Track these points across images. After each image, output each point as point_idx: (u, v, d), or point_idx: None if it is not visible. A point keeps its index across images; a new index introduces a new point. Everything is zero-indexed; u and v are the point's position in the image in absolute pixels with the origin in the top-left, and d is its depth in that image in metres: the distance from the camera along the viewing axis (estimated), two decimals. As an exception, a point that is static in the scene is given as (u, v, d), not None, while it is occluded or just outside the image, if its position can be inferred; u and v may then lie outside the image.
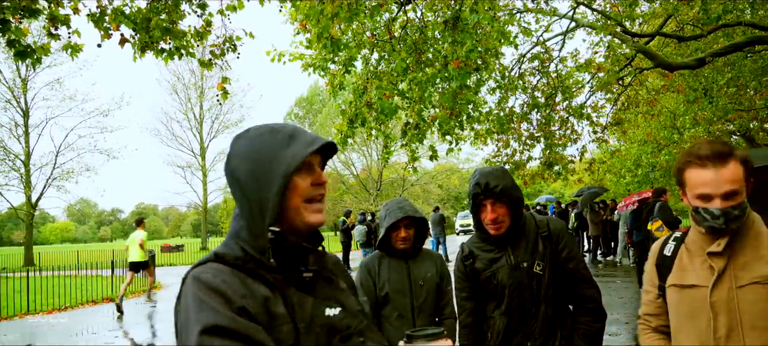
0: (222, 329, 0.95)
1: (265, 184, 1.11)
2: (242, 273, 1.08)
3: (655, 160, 16.89)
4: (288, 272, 1.13)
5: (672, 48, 11.38)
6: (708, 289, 1.63)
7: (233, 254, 1.12)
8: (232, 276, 1.05)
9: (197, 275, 1.04)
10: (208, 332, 0.94)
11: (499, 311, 2.26)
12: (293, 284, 1.12)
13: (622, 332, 6.86)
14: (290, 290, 1.11)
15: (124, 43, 4.93)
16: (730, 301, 1.60)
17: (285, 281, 1.11)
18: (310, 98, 48.37)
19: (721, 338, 1.60)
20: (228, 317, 0.97)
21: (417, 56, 7.07)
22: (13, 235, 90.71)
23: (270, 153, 1.12)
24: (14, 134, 29.07)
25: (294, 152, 1.11)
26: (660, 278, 1.81)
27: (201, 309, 0.98)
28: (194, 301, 1.00)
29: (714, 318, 1.61)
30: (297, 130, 1.17)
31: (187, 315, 0.99)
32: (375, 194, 36.18)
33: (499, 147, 10.91)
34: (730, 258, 1.64)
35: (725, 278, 1.63)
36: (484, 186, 2.18)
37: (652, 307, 1.86)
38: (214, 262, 1.09)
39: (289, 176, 1.10)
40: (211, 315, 0.96)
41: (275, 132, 1.16)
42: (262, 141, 1.15)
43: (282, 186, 1.10)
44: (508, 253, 2.26)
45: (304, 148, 1.12)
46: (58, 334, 8.82)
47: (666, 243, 1.85)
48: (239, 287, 1.04)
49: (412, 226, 2.80)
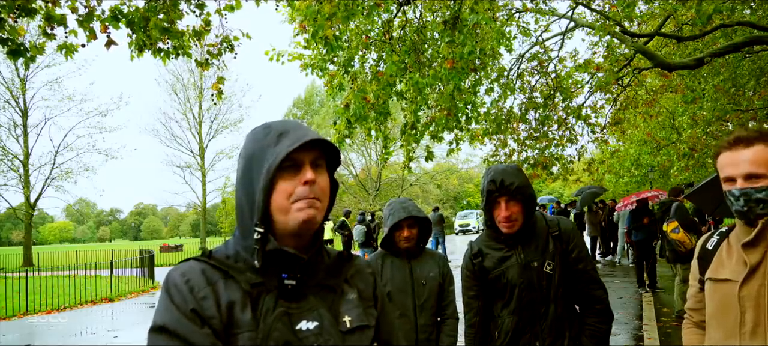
0: (167, 329, 1.00)
1: (253, 182, 1.09)
2: (219, 273, 1.07)
3: (653, 161, 16.89)
4: (269, 277, 1.09)
5: (671, 48, 11.39)
6: (738, 283, 1.61)
7: (224, 253, 1.12)
8: (201, 276, 1.06)
9: (169, 274, 1.08)
10: (156, 331, 1.01)
11: (507, 311, 2.24)
12: (272, 291, 1.08)
13: (621, 332, 6.86)
14: (267, 296, 1.07)
15: (110, 45, 4.87)
16: (759, 297, 1.57)
17: (263, 286, 1.08)
18: (307, 99, 48.36)
19: (746, 333, 1.58)
20: (175, 319, 1.01)
21: (415, 56, 7.07)
22: (12, 235, 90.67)
23: (259, 151, 1.10)
24: (13, 134, 29.07)
25: (278, 150, 1.07)
26: (700, 271, 1.80)
27: (158, 308, 1.04)
28: (159, 299, 1.06)
29: (741, 313, 1.59)
30: (291, 128, 1.12)
31: (156, 307, 1.06)
32: (374, 194, 36.18)
33: (497, 147, 10.92)
34: (766, 254, 1.60)
35: (758, 273, 1.59)
36: (499, 183, 2.16)
37: (693, 301, 1.85)
38: (196, 260, 1.10)
39: (272, 174, 1.06)
40: (161, 315, 1.02)
41: (268, 129, 1.13)
42: (254, 138, 1.14)
43: (266, 184, 1.06)
44: (518, 252, 2.25)
45: (288, 145, 1.07)
46: (57, 334, 8.81)
47: (710, 237, 1.83)
48: (201, 288, 1.04)
49: (415, 226, 2.82)
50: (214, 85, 5.93)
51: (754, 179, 1.59)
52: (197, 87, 37.60)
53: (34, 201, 29.56)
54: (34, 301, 11.63)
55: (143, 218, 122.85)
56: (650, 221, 9.73)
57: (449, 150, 8.47)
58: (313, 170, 1.10)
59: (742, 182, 1.60)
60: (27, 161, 28.99)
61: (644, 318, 7.53)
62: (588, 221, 16.08)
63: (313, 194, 1.08)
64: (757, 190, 1.58)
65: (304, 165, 1.10)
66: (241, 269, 1.09)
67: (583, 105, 11.15)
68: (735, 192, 1.61)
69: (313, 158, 1.11)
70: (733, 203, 1.63)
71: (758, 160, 1.59)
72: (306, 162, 1.10)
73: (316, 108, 45.89)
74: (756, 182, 1.59)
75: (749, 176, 1.59)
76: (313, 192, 1.08)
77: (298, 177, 1.09)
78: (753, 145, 1.61)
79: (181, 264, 1.10)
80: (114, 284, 13.80)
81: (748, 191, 1.59)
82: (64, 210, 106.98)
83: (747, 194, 1.59)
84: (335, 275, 1.20)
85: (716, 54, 8.93)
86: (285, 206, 1.08)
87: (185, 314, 1.01)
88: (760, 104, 11.11)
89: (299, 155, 1.09)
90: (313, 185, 1.08)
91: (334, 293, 1.16)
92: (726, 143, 1.67)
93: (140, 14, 4.92)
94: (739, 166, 1.61)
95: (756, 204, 1.59)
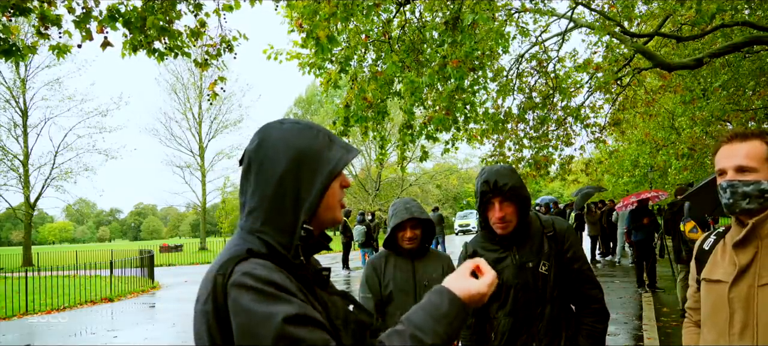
0: (304, 317, 0.94)
1: (307, 180, 1.11)
2: (280, 268, 1.03)
3: (652, 161, 16.88)
4: (309, 269, 1.13)
5: (670, 48, 11.38)
6: (728, 284, 1.61)
7: (260, 250, 1.06)
8: (275, 268, 1.01)
9: (248, 271, 0.98)
10: (290, 322, 0.92)
11: (503, 312, 2.24)
12: (313, 282, 1.11)
13: (621, 332, 6.86)
14: (316, 288, 1.11)
15: (106, 46, 4.85)
16: (749, 298, 1.57)
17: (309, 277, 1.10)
18: (309, 98, 48.41)
19: (735, 334, 1.58)
20: (303, 307, 0.96)
21: (415, 56, 7.07)
22: (12, 235, 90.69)
23: (314, 151, 1.13)
24: (13, 134, 29.08)
25: (339, 156, 1.16)
26: (697, 271, 1.81)
27: (272, 302, 0.94)
28: (258, 295, 0.95)
29: (731, 314, 1.59)
30: (331, 133, 1.20)
31: (253, 310, 0.94)
32: (373, 194, 36.19)
33: (496, 146, 10.92)
34: (757, 255, 1.58)
35: (748, 275, 1.58)
36: (493, 184, 2.15)
37: (692, 301, 1.87)
38: (252, 258, 1.02)
39: (333, 177, 1.14)
40: (287, 306, 0.94)
41: (314, 130, 1.17)
42: (303, 136, 1.14)
43: (325, 185, 1.13)
44: (513, 253, 2.25)
45: (346, 153, 1.17)
46: (56, 334, 8.81)
47: (707, 238, 1.83)
48: (284, 279, 1.00)
49: (419, 226, 2.81)
50: (210, 86, 5.91)
51: (745, 172, 1.57)
52: (197, 87, 37.67)
53: (34, 201, 29.56)
54: (33, 301, 11.63)
55: (143, 218, 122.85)
56: (650, 221, 9.72)
57: (445, 149, 8.47)
58: None
59: (732, 174, 1.59)
60: (27, 161, 28.99)
61: (644, 318, 7.52)
62: (587, 220, 16.09)
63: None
64: (745, 183, 1.57)
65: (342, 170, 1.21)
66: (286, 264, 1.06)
67: (582, 105, 11.15)
68: (723, 184, 1.60)
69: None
70: (721, 196, 1.62)
71: (751, 154, 1.58)
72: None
73: (315, 108, 45.92)
74: (745, 176, 1.57)
75: (740, 168, 1.58)
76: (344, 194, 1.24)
77: (341, 180, 1.20)
78: (749, 140, 1.60)
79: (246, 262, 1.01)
80: (114, 284, 13.79)
81: (734, 183, 1.58)
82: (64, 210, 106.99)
83: (733, 186, 1.58)
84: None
85: (716, 54, 8.92)
86: (335, 205, 1.18)
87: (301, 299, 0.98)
88: (759, 104, 11.10)
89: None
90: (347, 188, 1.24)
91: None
92: (724, 139, 1.67)
93: (138, 14, 4.91)
94: (732, 159, 1.60)
95: (742, 198, 1.57)
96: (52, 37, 4.71)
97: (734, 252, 1.63)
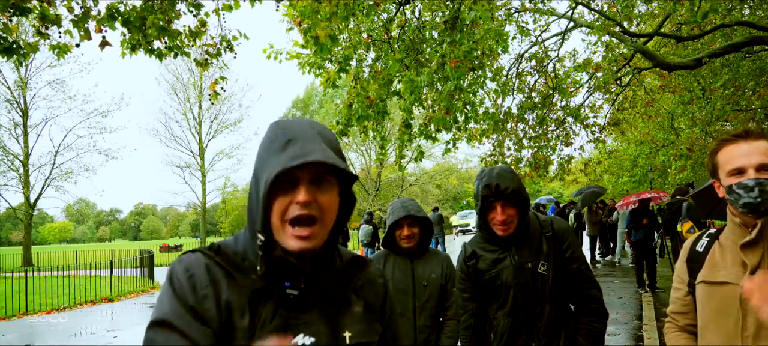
0: (167, 323, 0.97)
1: (258, 187, 1.03)
2: (223, 271, 1.03)
3: (652, 161, 16.88)
4: (272, 284, 1.04)
5: (670, 48, 11.37)
6: (738, 286, 1.55)
7: (233, 249, 1.08)
8: (204, 272, 1.02)
9: (174, 265, 1.04)
10: (156, 325, 0.98)
11: (502, 312, 2.25)
12: (273, 298, 1.03)
13: (620, 332, 6.86)
14: (267, 304, 1.02)
15: (104, 46, 4.84)
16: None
17: (265, 292, 1.03)
18: (306, 99, 48.38)
19: (749, 337, 1.52)
20: (176, 313, 0.98)
21: (414, 55, 7.07)
22: (12, 235, 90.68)
23: (266, 155, 1.04)
24: (13, 134, 29.09)
25: (276, 163, 0.99)
26: (690, 274, 1.74)
27: (160, 299, 1.01)
28: (161, 291, 1.04)
29: (743, 317, 1.53)
30: (299, 136, 1.03)
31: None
32: (374, 194, 36.20)
33: (495, 146, 10.92)
34: (765, 254, 1.55)
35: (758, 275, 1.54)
36: (495, 188, 2.14)
37: (679, 305, 1.79)
38: (202, 253, 1.06)
39: (268, 188, 0.98)
40: (162, 308, 0.99)
41: (280, 131, 1.05)
42: (267, 138, 1.06)
43: (264, 197, 0.99)
44: (512, 253, 2.25)
45: (286, 161, 0.98)
46: (56, 334, 8.81)
47: (699, 239, 1.77)
48: (204, 286, 1.00)
49: (416, 225, 2.81)
50: (211, 85, 5.91)
51: (766, 170, 1.54)
52: (197, 87, 37.67)
53: (34, 201, 29.57)
54: (33, 301, 11.63)
55: (143, 218, 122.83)
56: (650, 221, 9.72)
57: (446, 150, 8.47)
58: (316, 187, 1.02)
59: (754, 173, 1.54)
60: (27, 161, 29.01)
61: (644, 318, 7.52)
62: (588, 220, 16.09)
63: (309, 212, 1.00)
64: None
65: (301, 183, 1.01)
66: (247, 270, 1.05)
67: (581, 105, 11.14)
68: (748, 182, 1.53)
69: (314, 175, 1.02)
70: (743, 195, 1.55)
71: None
72: (303, 180, 1.01)
73: (315, 109, 45.91)
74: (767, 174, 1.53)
75: (761, 166, 1.54)
76: (310, 211, 1.00)
77: (293, 195, 1.01)
78: (760, 139, 1.57)
79: (186, 256, 1.05)
80: (114, 284, 13.80)
81: (762, 182, 1.52)
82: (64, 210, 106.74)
83: (761, 184, 1.52)
84: (344, 284, 1.14)
85: (715, 54, 8.92)
86: (278, 225, 1.02)
87: (186, 308, 0.98)
88: (759, 104, 11.10)
89: (299, 171, 1.00)
90: (309, 205, 1.00)
91: (338, 304, 1.10)
92: (730, 137, 1.62)
93: (137, 13, 4.90)
94: (752, 156, 1.54)
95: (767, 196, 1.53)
96: (52, 37, 4.70)
97: (743, 253, 1.59)
